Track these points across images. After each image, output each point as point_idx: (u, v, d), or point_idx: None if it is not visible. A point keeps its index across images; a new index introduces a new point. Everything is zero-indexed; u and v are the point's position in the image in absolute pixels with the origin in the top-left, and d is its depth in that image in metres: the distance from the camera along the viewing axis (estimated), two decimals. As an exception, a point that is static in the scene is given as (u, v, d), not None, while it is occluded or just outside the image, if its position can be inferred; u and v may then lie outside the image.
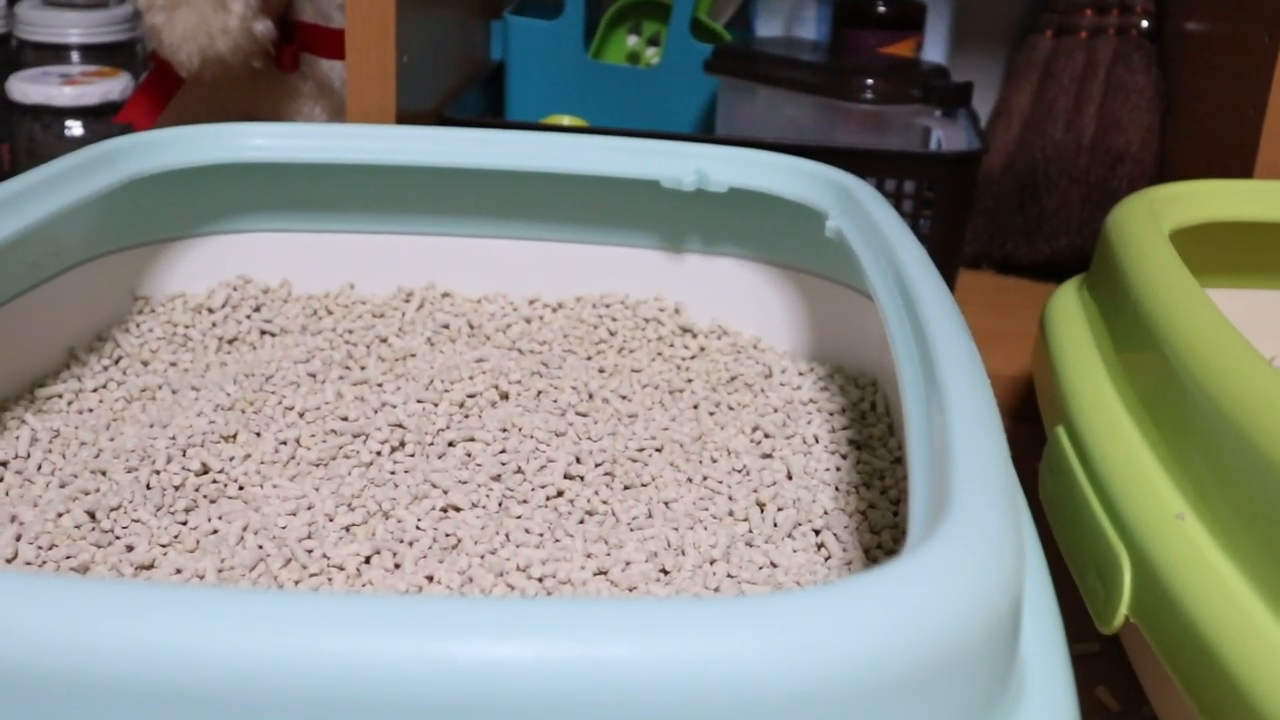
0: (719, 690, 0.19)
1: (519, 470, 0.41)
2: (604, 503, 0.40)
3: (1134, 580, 0.34)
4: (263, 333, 0.51)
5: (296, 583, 0.35)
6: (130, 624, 0.19)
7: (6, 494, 0.39)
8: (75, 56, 0.77)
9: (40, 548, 0.36)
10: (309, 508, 0.38)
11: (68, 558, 0.35)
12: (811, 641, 0.19)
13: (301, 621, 0.19)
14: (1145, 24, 0.75)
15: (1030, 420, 0.53)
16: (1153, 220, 0.47)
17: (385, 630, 0.19)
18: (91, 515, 0.37)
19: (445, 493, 0.39)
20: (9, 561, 0.35)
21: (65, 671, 0.19)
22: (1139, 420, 0.39)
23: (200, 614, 0.19)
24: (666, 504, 0.40)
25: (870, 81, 0.65)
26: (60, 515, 0.37)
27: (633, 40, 0.81)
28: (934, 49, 0.83)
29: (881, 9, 0.77)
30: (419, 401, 0.45)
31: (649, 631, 0.19)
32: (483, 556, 0.36)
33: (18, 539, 0.36)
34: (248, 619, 0.19)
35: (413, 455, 0.42)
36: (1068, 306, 0.49)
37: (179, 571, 0.35)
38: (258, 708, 0.19)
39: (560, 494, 0.40)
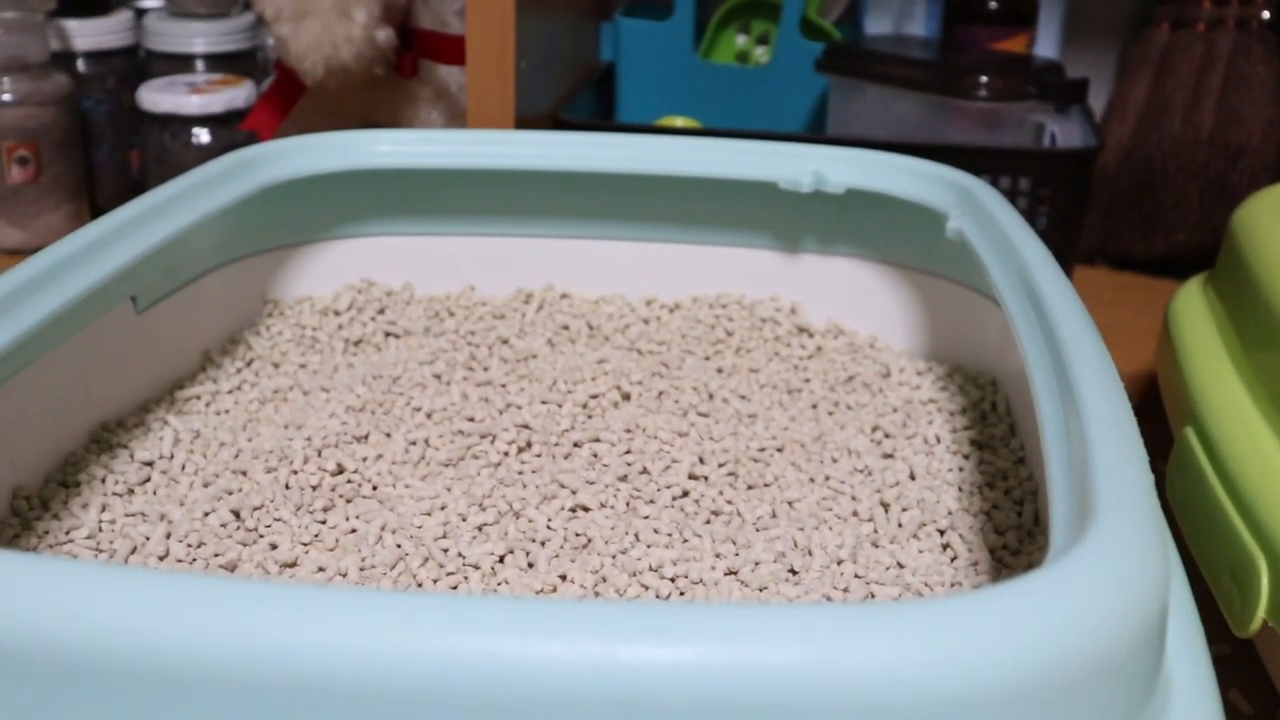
0: (875, 696, 0.19)
1: (644, 470, 0.42)
2: (729, 503, 0.40)
3: (1272, 583, 0.34)
4: (387, 334, 0.52)
5: (435, 582, 0.36)
6: (330, 629, 0.20)
7: (155, 493, 0.40)
8: (200, 65, 0.80)
9: (190, 545, 0.37)
10: (442, 508, 0.39)
11: (216, 555, 0.37)
12: (968, 648, 0.19)
13: (471, 624, 0.20)
14: (1266, 15, 0.74)
15: (1150, 418, 0.52)
16: (1281, 217, 0.46)
17: (551, 633, 0.20)
18: (236, 514, 0.39)
19: (574, 493, 0.40)
20: (161, 559, 0.37)
21: (248, 672, 0.20)
22: (1271, 420, 0.39)
23: (375, 617, 0.20)
24: (790, 504, 0.40)
25: (984, 79, 0.65)
26: (206, 514, 0.38)
27: (742, 40, 0.82)
28: (1046, 44, 0.82)
29: (993, 4, 0.77)
30: (543, 402, 0.46)
31: (811, 636, 0.19)
32: (614, 556, 0.37)
33: (168, 537, 0.37)
34: (421, 622, 0.20)
35: (539, 455, 0.43)
36: (1192, 305, 0.48)
37: (321, 570, 0.36)
38: (429, 709, 0.20)
39: (686, 494, 0.41)
